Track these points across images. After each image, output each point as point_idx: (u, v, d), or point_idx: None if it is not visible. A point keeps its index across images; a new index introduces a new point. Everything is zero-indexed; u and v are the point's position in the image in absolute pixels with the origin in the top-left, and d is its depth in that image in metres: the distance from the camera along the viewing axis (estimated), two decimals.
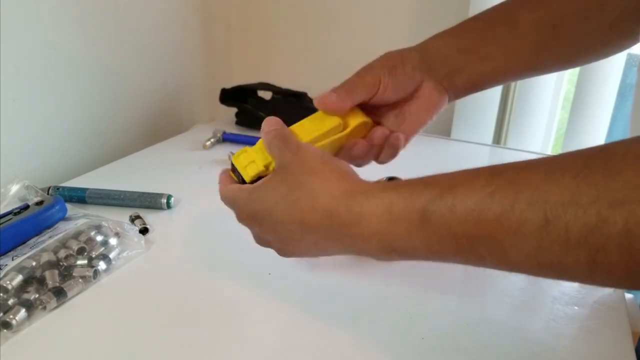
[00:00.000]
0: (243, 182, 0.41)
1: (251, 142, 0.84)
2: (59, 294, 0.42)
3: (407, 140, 0.48)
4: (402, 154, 0.53)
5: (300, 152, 0.37)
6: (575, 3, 0.44)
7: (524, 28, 0.45)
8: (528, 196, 0.26)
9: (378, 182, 0.34)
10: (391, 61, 0.45)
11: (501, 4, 0.47)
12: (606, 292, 0.44)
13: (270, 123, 0.41)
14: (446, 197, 0.29)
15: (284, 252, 0.40)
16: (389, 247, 0.32)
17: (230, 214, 0.43)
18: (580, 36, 0.45)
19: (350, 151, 0.45)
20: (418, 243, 0.31)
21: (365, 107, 0.45)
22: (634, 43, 0.46)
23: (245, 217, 0.40)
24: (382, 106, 0.46)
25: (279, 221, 0.36)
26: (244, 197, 0.39)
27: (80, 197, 0.60)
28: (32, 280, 0.42)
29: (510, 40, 0.46)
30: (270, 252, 0.50)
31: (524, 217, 0.26)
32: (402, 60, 0.45)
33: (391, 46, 0.50)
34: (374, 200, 0.32)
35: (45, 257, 0.44)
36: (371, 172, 0.67)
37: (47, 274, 0.43)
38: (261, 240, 0.41)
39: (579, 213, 0.24)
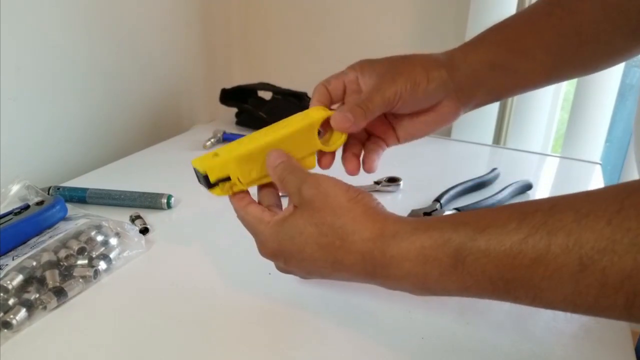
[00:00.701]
0: (206, 181, 0.40)
1: None
2: (60, 293, 0.42)
3: (407, 141, 0.48)
4: (402, 154, 0.52)
5: (321, 188, 0.36)
6: (600, 11, 0.43)
7: (549, 38, 0.44)
8: (562, 241, 0.26)
9: (406, 220, 0.34)
10: (416, 77, 0.42)
11: (526, 12, 0.46)
12: None
13: (275, 156, 0.40)
14: (479, 240, 0.29)
15: (308, 278, 0.40)
16: (423, 288, 0.33)
17: (230, 214, 0.43)
18: (603, 43, 0.45)
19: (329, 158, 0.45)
20: (451, 285, 0.31)
21: None
22: None
23: (269, 252, 0.39)
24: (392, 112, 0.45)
25: (308, 259, 0.36)
26: (268, 233, 0.38)
27: (81, 197, 0.60)
28: (33, 280, 0.42)
29: (537, 52, 0.45)
30: None
31: (559, 262, 0.26)
32: (427, 78, 0.43)
33: (391, 46, 0.50)
34: (406, 244, 0.32)
35: (46, 257, 0.44)
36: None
37: (48, 273, 0.43)
38: (283, 271, 0.41)
39: (615, 259, 0.25)
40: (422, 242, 0.32)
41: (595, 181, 0.74)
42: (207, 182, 0.40)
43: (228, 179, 0.40)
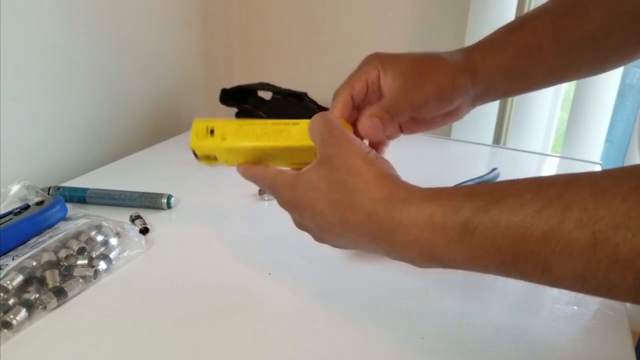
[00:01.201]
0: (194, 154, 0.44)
1: None
2: (60, 293, 0.42)
3: (411, 134, 0.48)
4: (403, 153, 0.52)
5: (344, 145, 0.36)
6: (614, 16, 0.43)
7: (566, 42, 0.44)
8: (576, 216, 0.26)
9: (418, 188, 0.34)
10: (443, 82, 0.42)
11: (542, 12, 0.46)
12: None
13: (329, 113, 0.40)
14: (491, 210, 0.29)
15: (322, 239, 0.40)
16: (429, 256, 0.32)
17: (229, 215, 0.43)
18: (615, 48, 0.45)
19: None
20: (458, 255, 0.31)
21: None
22: None
23: (286, 202, 0.40)
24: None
25: (319, 214, 0.37)
26: (287, 182, 0.39)
27: (81, 197, 0.60)
28: (33, 280, 0.42)
29: (554, 57, 0.45)
30: (271, 252, 0.50)
31: (572, 236, 0.26)
32: (453, 85, 0.42)
33: (391, 46, 0.49)
34: (415, 209, 0.32)
35: (46, 257, 0.44)
36: None
37: (48, 273, 0.43)
38: (300, 225, 0.41)
39: (628, 236, 0.24)
40: (433, 209, 0.31)
41: None
42: (195, 155, 0.43)
43: (215, 157, 0.44)
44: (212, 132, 0.42)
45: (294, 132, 0.42)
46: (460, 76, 0.43)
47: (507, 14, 0.89)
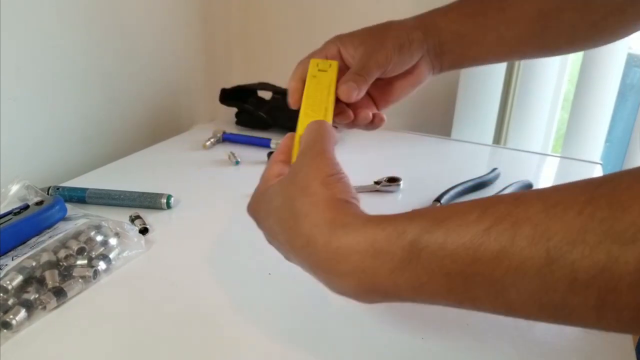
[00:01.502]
0: None
1: (251, 142, 0.84)
2: (59, 294, 0.42)
3: (385, 107, 0.50)
4: (403, 154, 0.52)
5: (314, 162, 0.34)
6: None
7: (514, 15, 0.46)
8: (528, 232, 0.24)
9: (363, 214, 0.31)
10: (400, 38, 0.46)
11: None
12: None
13: (317, 121, 0.40)
14: (436, 232, 0.27)
15: (279, 251, 0.38)
16: (370, 287, 0.30)
17: (229, 215, 0.43)
18: (566, 30, 0.46)
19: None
20: (403, 282, 0.28)
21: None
22: (620, 38, 0.47)
23: (250, 210, 0.38)
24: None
25: (269, 229, 0.35)
26: (258, 192, 0.38)
27: (80, 197, 0.60)
28: (32, 280, 0.42)
29: (500, 28, 0.47)
30: (271, 252, 0.50)
31: (524, 254, 0.24)
32: (408, 40, 0.46)
33: None
34: (354, 235, 0.29)
35: (45, 257, 0.44)
36: (372, 172, 0.67)
37: (47, 274, 0.43)
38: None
39: (586, 252, 0.22)
40: (375, 234, 0.28)
41: None
42: None
43: None
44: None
45: (323, 76, 0.46)
46: (413, 32, 0.46)
47: None
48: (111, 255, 0.47)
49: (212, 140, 0.82)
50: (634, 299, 0.22)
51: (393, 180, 0.67)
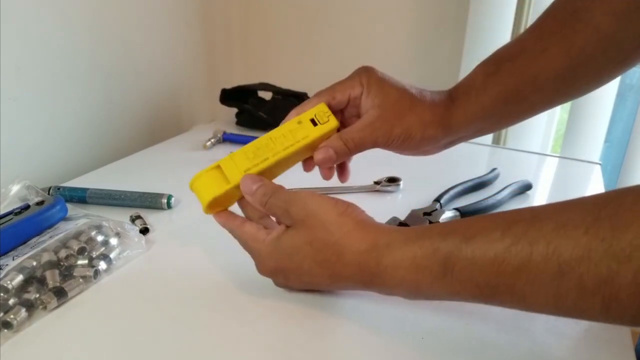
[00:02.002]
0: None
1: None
2: (60, 293, 0.42)
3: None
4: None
5: (309, 208, 0.37)
6: (595, 43, 0.43)
7: (543, 81, 0.44)
8: (542, 250, 0.28)
9: (396, 230, 0.36)
10: (412, 130, 0.44)
11: (520, 48, 0.46)
12: None
13: (250, 182, 0.40)
14: (466, 249, 0.31)
15: (311, 289, 0.43)
16: (416, 293, 0.36)
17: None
18: (594, 73, 0.45)
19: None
20: (442, 290, 0.34)
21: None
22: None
23: (268, 271, 0.41)
24: None
25: (307, 274, 0.39)
26: (266, 251, 0.40)
27: (81, 197, 0.60)
28: (33, 280, 0.42)
29: (531, 96, 0.45)
30: None
31: (540, 269, 0.28)
32: (422, 135, 0.44)
33: (391, 46, 0.50)
34: (399, 254, 0.34)
35: (46, 257, 0.44)
36: (372, 172, 0.67)
37: (48, 273, 0.43)
38: (282, 285, 0.43)
39: (591, 267, 0.26)
40: (414, 252, 0.34)
41: (595, 181, 0.74)
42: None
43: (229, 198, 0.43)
44: (220, 170, 0.42)
45: (306, 128, 0.43)
46: (431, 128, 0.44)
47: (507, 14, 0.89)
48: (112, 255, 0.47)
49: (212, 140, 0.82)
50: (634, 304, 0.26)
51: (393, 181, 0.67)
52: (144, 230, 0.53)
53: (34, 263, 0.43)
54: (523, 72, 0.44)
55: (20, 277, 0.42)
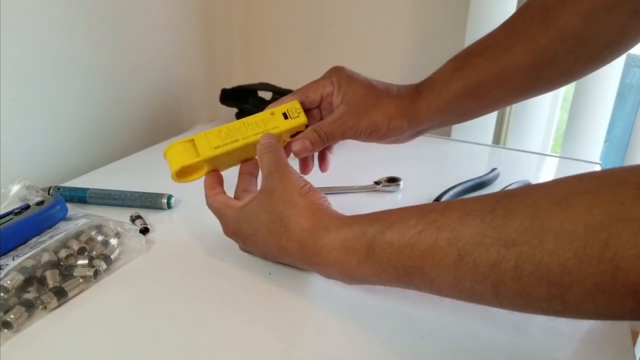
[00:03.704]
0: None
1: None
2: (60, 293, 0.42)
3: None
4: (402, 154, 0.53)
5: (285, 179, 0.42)
6: (560, 43, 0.44)
7: (509, 76, 0.46)
8: (447, 236, 0.31)
9: (338, 216, 0.39)
10: (378, 122, 0.48)
11: (486, 46, 0.48)
12: None
13: (267, 137, 0.46)
14: (386, 233, 0.34)
15: (266, 259, 0.47)
16: (347, 275, 0.38)
17: None
18: (561, 72, 0.47)
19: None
20: (367, 272, 0.36)
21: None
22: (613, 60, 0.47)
23: (231, 232, 0.46)
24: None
25: (260, 242, 0.43)
26: (232, 215, 0.45)
27: (81, 197, 0.60)
28: (33, 280, 0.42)
29: (495, 91, 0.48)
30: None
31: (443, 252, 0.31)
32: (387, 126, 0.48)
33: (390, 46, 0.51)
34: (333, 236, 0.38)
35: (46, 257, 0.44)
36: (372, 172, 0.67)
37: (48, 273, 0.43)
38: (243, 249, 0.48)
39: (483, 252, 0.29)
40: (346, 234, 0.37)
41: None
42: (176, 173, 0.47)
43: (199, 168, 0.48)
44: (192, 143, 0.46)
45: (277, 119, 0.48)
46: (397, 119, 0.48)
47: (506, 14, 0.89)
48: (112, 255, 0.47)
49: None
50: (517, 289, 0.28)
51: (393, 180, 0.67)
52: (144, 230, 0.54)
53: (34, 263, 0.44)
54: (488, 68, 0.47)
55: (20, 277, 0.42)
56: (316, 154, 0.53)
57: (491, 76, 0.47)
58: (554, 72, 0.46)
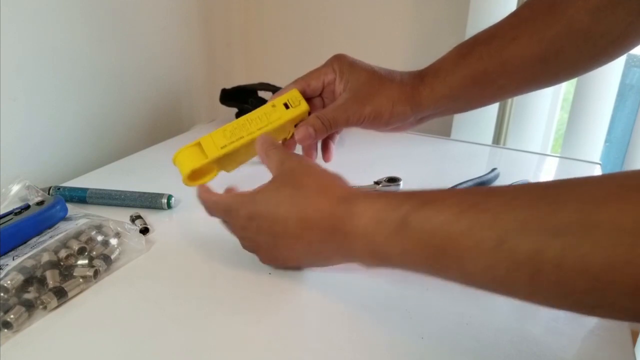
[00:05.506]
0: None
1: None
2: (60, 293, 0.42)
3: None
4: (403, 154, 0.53)
5: (302, 161, 0.41)
6: (566, 38, 0.44)
7: (514, 66, 0.46)
8: (488, 220, 0.30)
9: (371, 191, 0.39)
10: (382, 108, 0.47)
11: (491, 35, 0.48)
12: None
13: (265, 138, 0.46)
14: (424, 209, 0.33)
15: (271, 254, 0.44)
16: (371, 250, 0.36)
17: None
18: (567, 66, 0.47)
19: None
20: (394, 248, 0.35)
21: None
22: (616, 59, 0.48)
23: (244, 219, 0.42)
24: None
25: (280, 219, 0.40)
26: (247, 199, 0.42)
27: (81, 197, 0.60)
28: (33, 280, 0.42)
29: (500, 80, 0.47)
30: None
31: (481, 236, 0.30)
32: (391, 112, 0.47)
33: (390, 46, 0.51)
34: (367, 204, 0.36)
35: (46, 257, 0.44)
36: (372, 172, 0.67)
37: (48, 273, 0.43)
38: (251, 242, 0.44)
39: (525, 239, 0.28)
40: (381, 204, 0.36)
41: None
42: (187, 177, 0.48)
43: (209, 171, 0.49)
44: (199, 147, 0.48)
45: (279, 110, 0.49)
46: (400, 105, 0.47)
47: (506, 13, 0.89)
48: (112, 255, 0.47)
49: None
50: (556, 279, 0.27)
51: (393, 180, 0.67)
52: (144, 230, 0.54)
53: (34, 263, 0.44)
54: (493, 56, 0.46)
55: (20, 277, 0.42)
56: (319, 148, 0.53)
57: (496, 65, 0.46)
58: (559, 65, 0.46)
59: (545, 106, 0.99)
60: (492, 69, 0.46)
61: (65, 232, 0.48)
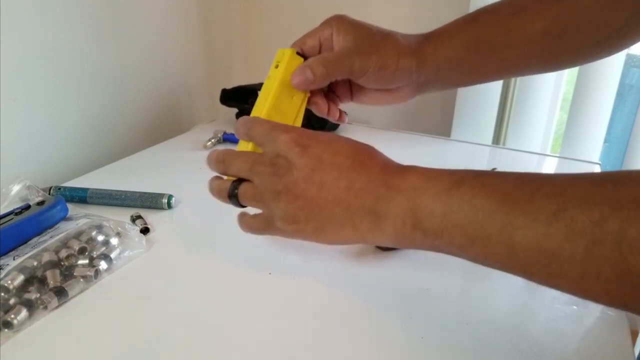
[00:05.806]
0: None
1: None
2: (60, 293, 0.42)
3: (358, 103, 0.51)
4: (403, 154, 0.53)
5: (325, 135, 0.39)
6: (570, 18, 0.44)
7: (519, 38, 0.46)
8: (548, 189, 0.29)
9: None
10: (388, 59, 0.44)
11: (498, 7, 0.47)
12: None
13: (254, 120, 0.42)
14: (481, 176, 0.33)
15: (295, 201, 0.37)
16: (410, 207, 0.34)
17: (230, 215, 0.44)
18: (569, 49, 0.46)
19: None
20: (438, 207, 0.33)
21: None
22: (619, 51, 0.48)
23: (290, 142, 0.37)
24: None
25: (335, 147, 0.37)
26: (300, 129, 0.39)
27: (82, 197, 0.60)
28: (34, 279, 0.43)
29: (504, 51, 0.46)
30: (271, 252, 0.51)
31: (540, 204, 0.29)
32: (397, 64, 0.44)
33: None
34: (419, 168, 0.36)
35: (47, 256, 0.44)
36: None
37: (49, 273, 0.43)
38: (274, 186, 0.37)
39: (586, 209, 0.27)
40: (433, 169, 0.36)
41: None
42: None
43: None
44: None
45: (272, 75, 0.47)
46: (406, 58, 0.45)
47: None
48: (112, 255, 0.47)
49: (212, 140, 0.82)
50: (614, 253, 0.26)
51: None
52: (145, 230, 0.54)
53: (35, 263, 0.44)
54: (498, 25, 0.46)
55: (21, 277, 0.42)
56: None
57: (501, 33, 0.46)
58: (561, 45, 0.46)
59: (545, 106, 0.99)
60: (496, 36, 0.46)
61: (65, 232, 0.48)
